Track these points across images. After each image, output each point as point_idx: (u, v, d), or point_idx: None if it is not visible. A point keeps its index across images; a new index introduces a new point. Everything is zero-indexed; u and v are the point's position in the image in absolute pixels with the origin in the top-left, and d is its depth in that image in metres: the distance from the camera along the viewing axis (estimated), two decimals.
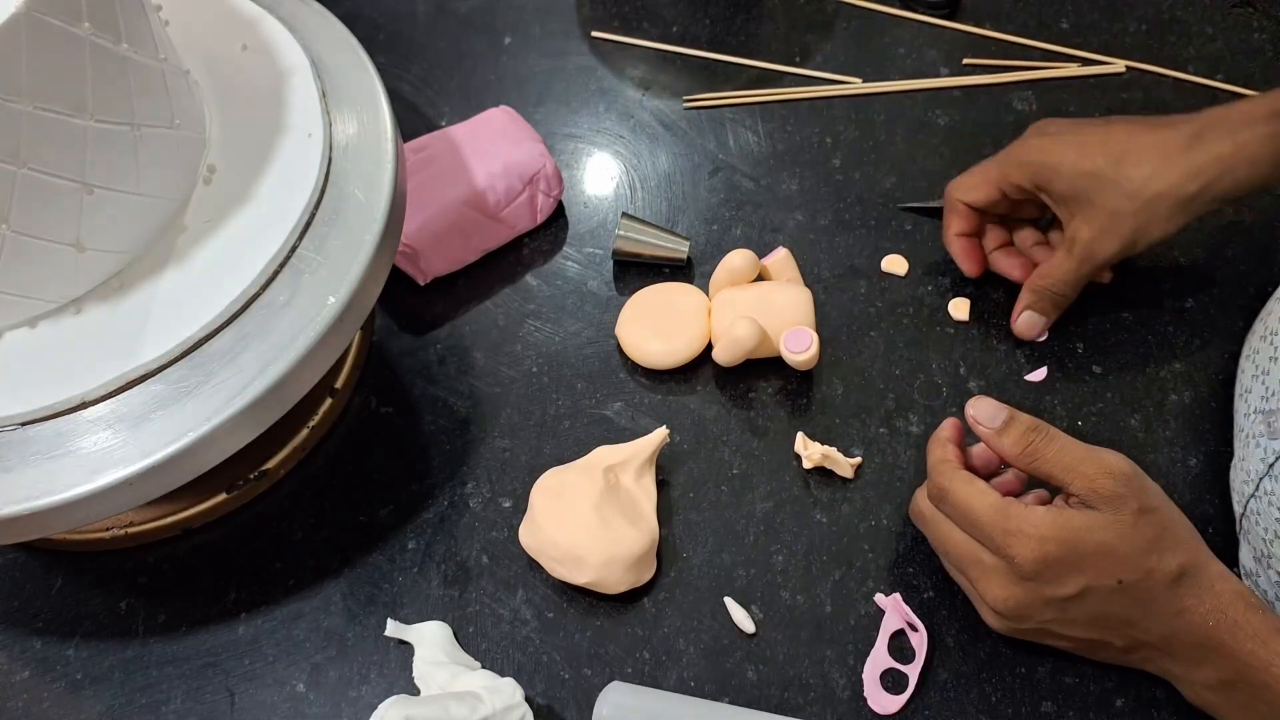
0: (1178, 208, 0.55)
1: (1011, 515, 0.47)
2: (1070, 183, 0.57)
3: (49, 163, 0.43)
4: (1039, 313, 0.61)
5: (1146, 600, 0.46)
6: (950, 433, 0.52)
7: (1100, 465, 0.47)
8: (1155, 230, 0.56)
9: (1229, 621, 0.45)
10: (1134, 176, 0.55)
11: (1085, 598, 0.47)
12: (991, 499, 0.48)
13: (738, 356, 0.59)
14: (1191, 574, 0.46)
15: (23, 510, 0.44)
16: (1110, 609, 0.47)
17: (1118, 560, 0.46)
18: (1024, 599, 0.48)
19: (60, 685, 0.53)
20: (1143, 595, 0.46)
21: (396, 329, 0.65)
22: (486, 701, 0.48)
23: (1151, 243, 0.57)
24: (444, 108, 0.75)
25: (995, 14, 0.79)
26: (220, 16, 0.57)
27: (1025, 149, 0.59)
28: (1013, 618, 0.49)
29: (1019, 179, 0.59)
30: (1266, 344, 0.56)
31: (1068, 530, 0.46)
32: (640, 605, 0.54)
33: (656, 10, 0.80)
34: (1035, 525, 0.46)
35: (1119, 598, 0.46)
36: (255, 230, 0.50)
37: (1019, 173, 0.59)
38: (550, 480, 0.55)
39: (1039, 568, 0.46)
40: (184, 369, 0.46)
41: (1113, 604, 0.47)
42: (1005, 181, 0.60)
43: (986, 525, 0.47)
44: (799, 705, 0.51)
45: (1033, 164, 0.58)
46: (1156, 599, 0.46)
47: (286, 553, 0.57)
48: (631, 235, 0.65)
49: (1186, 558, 0.47)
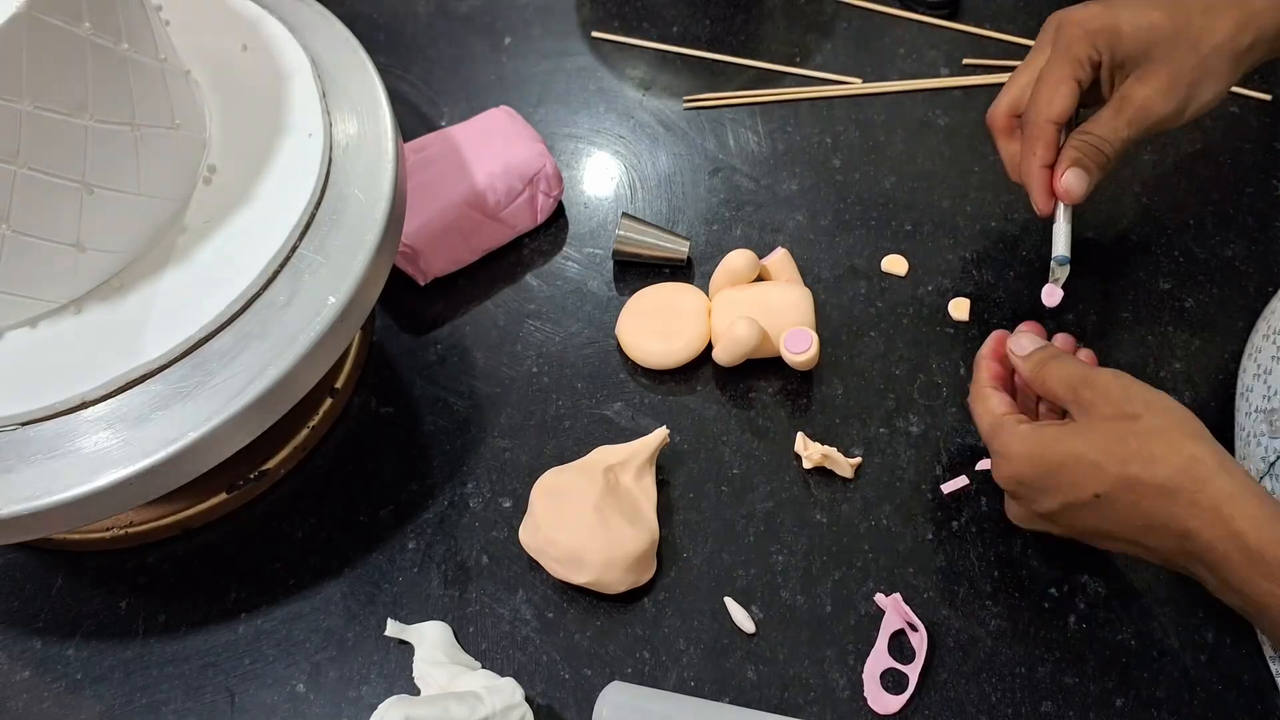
0: (1233, 62, 0.54)
1: (998, 434, 0.48)
2: (1132, 40, 0.54)
3: (49, 163, 0.43)
4: (1084, 169, 0.55)
5: (1137, 514, 0.44)
6: (990, 348, 0.53)
7: (1087, 378, 0.47)
8: (1208, 89, 0.54)
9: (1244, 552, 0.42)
10: (1192, 28, 0.53)
11: (1068, 513, 0.46)
12: (989, 418, 0.50)
13: (738, 356, 0.59)
14: (1188, 491, 0.43)
15: (23, 510, 0.44)
16: (1099, 523, 0.46)
17: (1089, 470, 0.44)
18: (1019, 513, 0.50)
19: (60, 685, 0.53)
20: (1128, 508, 0.44)
21: (396, 329, 0.65)
22: (486, 701, 0.48)
23: (1201, 107, 0.55)
24: (444, 108, 0.75)
25: (995, 14, 0.79)
26: (220, 16, 0.57)
27: (1079, 21, 0.55)
28: (1029, 527, 0.51)
29: (1084, 52, 0.55)
30: (1269, 343, 0.56)
31: (1040, 445, 0.46)
32: (640, 605, 0.54)
33: (656, 10, 0.80)
34: (1013, 444, 0.47)
35: (1105, 511, 0.45)
36: (255, 230, 0.50)
37: (1083, 45, 0.55)
38: (550, 480, 0.55)
39: (1015, 487, 0.48)
40: (184, 369, 0.47)
41: (1099, 518, 0.45)
42: (1077, 66, 0.55)
43: (986, 441, 0.50)
44: (799, 705, 0.51)
45: (1094, 31, 0.54)
46: (1152, 513, 0.44)
47: (286, 553, 0.57)
48: (631, 235, 0.65)
49: (1177, 469, 0.43)
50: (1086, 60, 0.55)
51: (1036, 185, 0.57)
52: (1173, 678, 0.52)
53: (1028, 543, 0.56)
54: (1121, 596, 0.54)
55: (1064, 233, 0.57)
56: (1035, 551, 0.55)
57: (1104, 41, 0.54)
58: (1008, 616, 0.54)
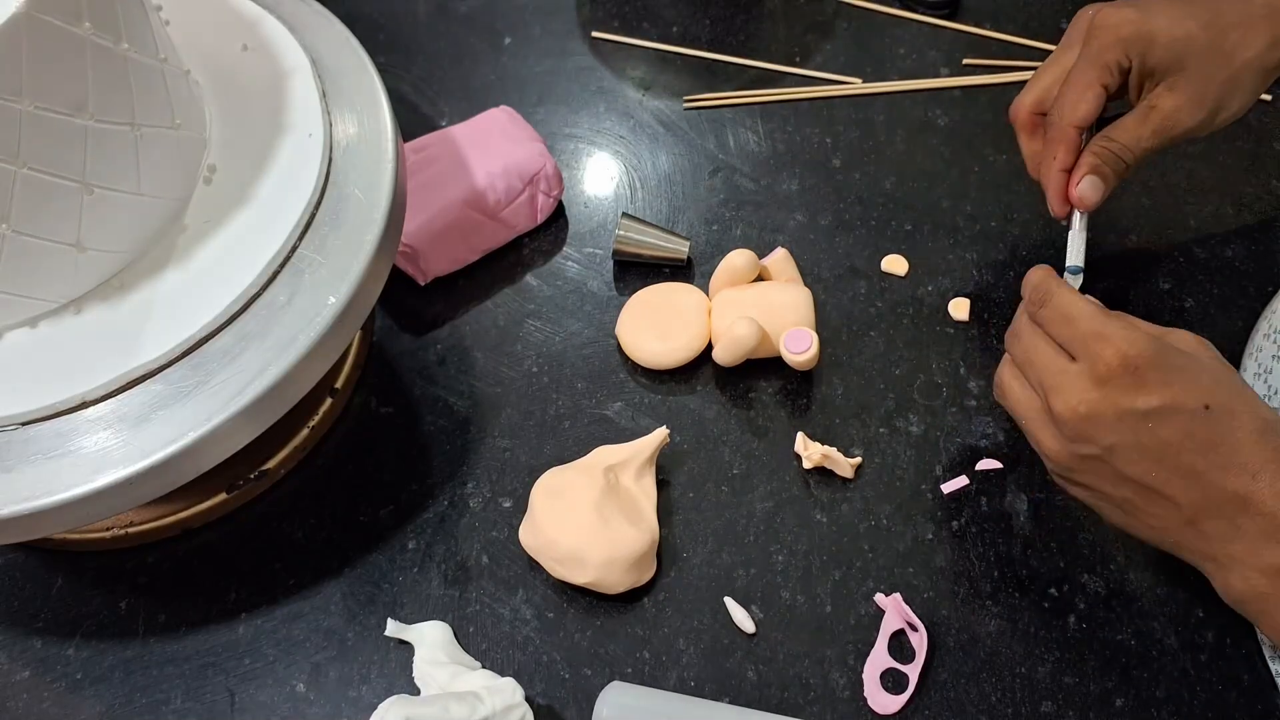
0: (1262, 76, 0.54)
1: (1108, 322, 0.45)
2: (1166, 50, 0.53)
3: (49, 163, 0.43)
4: (1101, 177, 0.54)
5: (1228, 444, 0.43)
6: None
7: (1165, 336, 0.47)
8: (1235, 103, 0.54)
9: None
10: (1227, 41, 0.53)
11: (1165, 417, 0.43)
12: (1094, 307, 0.46)
13: (738, 356, 0.59)
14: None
15: (23, 510, 0.44)
16: (1187, 441, 0.44)
17: (1209, 380, 0.43)
18: (1098, 406, 0.44)
19: (60, 685, 0.53)
20: (1226, 434, 0.43)
21: (396, 329, 0.65)
22: (486, 701, 0.48)
23: (1226, 120, 0.55)
24: (444, 108, 0.75)
25: (995, 14, 0.79)
26: (221, 16, 0.57)
27: (1113, 26, 0.54)
28: (1077, 434, 0.45)
29: (1114, 58, 0.54)
30: (1270, 342, 0.56)
31: (1164, 332, 0.45)
32: (640, 605, 0.54)
33: (656, 10, 0.80)
34: (1125, 333, 0.44)
35: (1201, 427, 0.43)
36: (255, 230, 0.50)
37: (1114, 51, 0.54)
38: (550, 480, 0.55)
39: (1122, 370, 0.44)
40: (184, 369, 0.47)
41: (1192, 433, 0.43)
42: (1106, 73, 0.54)
43: (1083, 324, 0.45)
44: (799, 705, 0.52)
45: (1126, 38, 0.53)
46: (1240, 447, 0.43)
47: (286, 553, 0.57)
48: (631, 235, 0.65)
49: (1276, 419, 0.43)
50: (1116, 67, 0.54)
51: (1053, 189, 0.56)
52: (1173, 678, 0.52)
53: (1028, 543, 0.56)
54: (1121, 596, 0.54)
55: (1079, 243, 0.56)
56: (1035, 551, 0.55)
57: (1137, 49, 0.54)
58: (1008, 616, 0.54)
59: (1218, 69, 0.53)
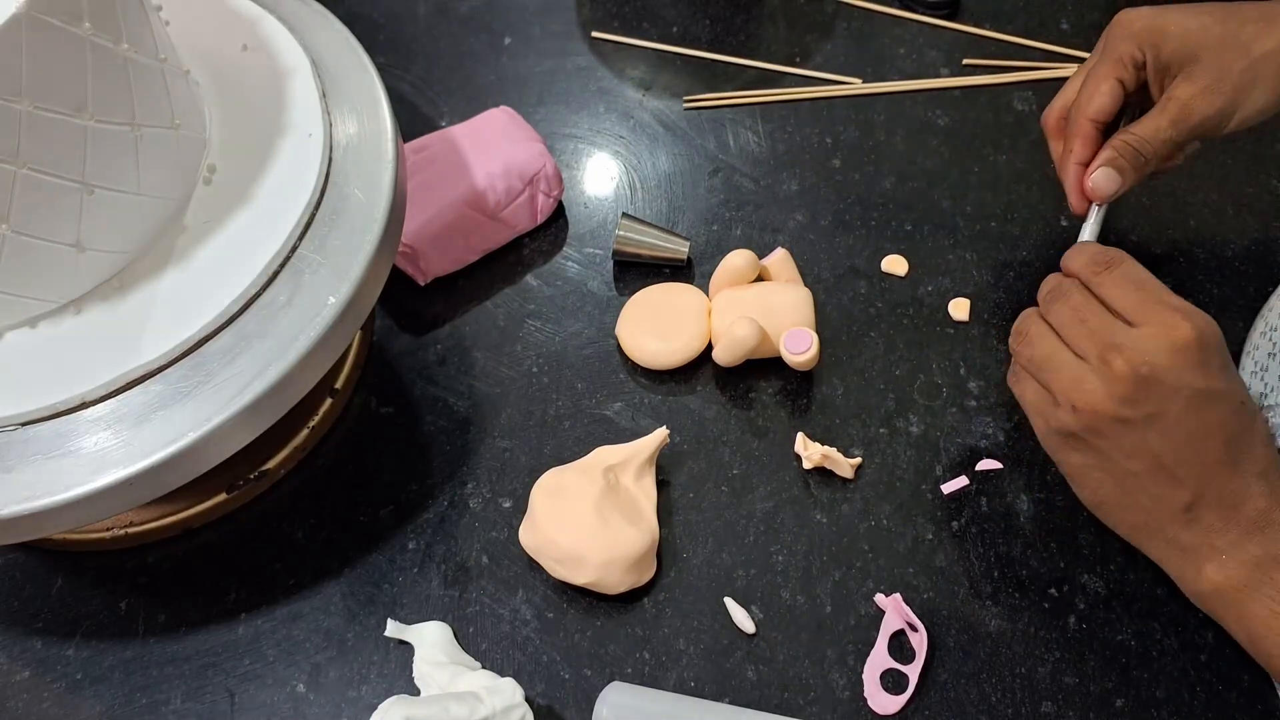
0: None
1: (1178, 298, 0.47)
2: (1180, 41, 0.54)
3: (49, 163, 0.43)
4: (1117, 170, 0.55)
5: (1247, 440, 0.45)
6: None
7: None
8: (1259, 95, 0.54)
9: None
10: (1244, 33, 0.53)
11: (1216, 401, 0.45)
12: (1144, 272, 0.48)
13: (738, 356, 0.59)
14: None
15: (23, 510, 0.44)
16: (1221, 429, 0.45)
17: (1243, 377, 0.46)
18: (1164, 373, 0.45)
19: (60, 685, 0.53)
20: (1248, 431, 0.45)
21: (396, 329, 0.65)
22: (486, 701, 0.48)
23: (1246, 117, 0.54)
24: (444, 108, 0.75)
25: (995, 14, 0.79)
26: (220, 16, 0.57)
27: (1126, 22, 0.55)
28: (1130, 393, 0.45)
29: (1127, 51, 0.55)
30: (1266, 340, 0.56)
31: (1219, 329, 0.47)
32: (640, 605, 0.54)
33: (656, 10, 0.80)
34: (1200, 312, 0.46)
35: (1235, 419, 0.45)
36: (255, 230, 0.50)
37: (1127, 45, 0.55)
38: (550, 480, 0.55)
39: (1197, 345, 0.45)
40: (184, 369, 0.46)
41: (1228, 423, 0.45)
42: (1120, 66, 0.55)
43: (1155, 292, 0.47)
44: (799, 705, 0.52)
45: (1139, 31, 0.55)
46: (1254, 445, 0.46)
47: (286, 553, 0.57)
48: (631, 235, 0.65)
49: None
50: (1129, 60, 0.55)
51: (1070, 182, 0.57)
52: (1173, 678, 0.52)
53: (1028, 543, 0.56)
54: (1121, 596, 0.54)
55: (1089, 238, 0.56)
56: (1035, 552, 0.55)
57: (1149, 41, 0.54)
58: (1008, 616, 0.54)
59: (1234, 58, 0.53)
